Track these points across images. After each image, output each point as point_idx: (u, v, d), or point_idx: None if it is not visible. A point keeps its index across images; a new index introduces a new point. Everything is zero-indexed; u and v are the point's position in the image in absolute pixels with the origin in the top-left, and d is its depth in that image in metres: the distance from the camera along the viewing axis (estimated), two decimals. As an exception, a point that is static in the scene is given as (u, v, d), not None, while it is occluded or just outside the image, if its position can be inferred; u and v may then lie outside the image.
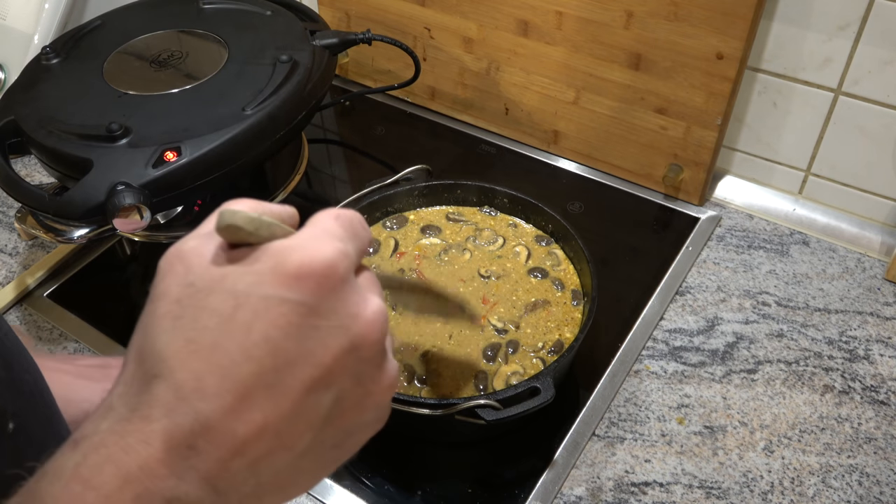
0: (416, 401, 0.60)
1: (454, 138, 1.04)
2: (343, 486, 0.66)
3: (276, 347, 0.27)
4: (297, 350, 0.28)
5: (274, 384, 0.27)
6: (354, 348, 0.29)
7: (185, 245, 0.30)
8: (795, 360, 0.73)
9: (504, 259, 0.75)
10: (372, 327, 0.30)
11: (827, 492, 0.63)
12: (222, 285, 0.28)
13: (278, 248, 0.29)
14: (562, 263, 0.74)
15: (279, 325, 0.27)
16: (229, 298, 0.28)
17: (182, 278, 0.29)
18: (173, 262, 0.30)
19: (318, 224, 0.31)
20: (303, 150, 0.93)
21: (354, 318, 0.29)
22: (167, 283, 0.29)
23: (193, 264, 0.29)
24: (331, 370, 0.29)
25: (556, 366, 0.62)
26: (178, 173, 0.69)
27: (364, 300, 0.30)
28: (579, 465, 0.66)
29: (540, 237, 0.77)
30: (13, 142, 0.74)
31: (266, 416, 0.27)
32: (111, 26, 0.87)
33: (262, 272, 0.28)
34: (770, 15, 0.79)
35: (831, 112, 0.82)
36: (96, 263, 0.88)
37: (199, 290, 0.28)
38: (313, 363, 0.28)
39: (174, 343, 0.28)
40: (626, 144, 0.92)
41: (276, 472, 0.28)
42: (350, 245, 0.30)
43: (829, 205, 0.88)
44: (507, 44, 0.94)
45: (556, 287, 0.72)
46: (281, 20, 0.86)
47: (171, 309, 0.29)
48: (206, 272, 0.29)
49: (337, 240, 0.30)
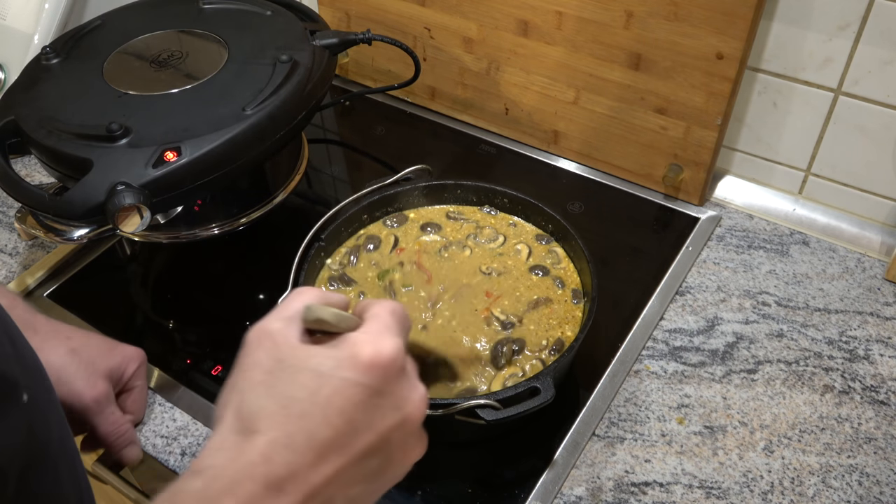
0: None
1: (454, 138, 1.04)
2: (343, 486, 0.65)
3: (349, 418, 0.36)
4: (364, 421, 0.36)
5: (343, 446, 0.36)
6: (404, 423, 0.38)
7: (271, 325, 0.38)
8: (795, 360, 0.73)
9: (505, 256, 0.75)
10: (418, 408, 0.39)
11: (827, 492, 0.63)
12: (308, 364, 0.36)
13: (355, 340, 0.37)
14: (562, 262, 0.74)
15: (353, 401, 0.36)
16: (315, 377, 0.36)
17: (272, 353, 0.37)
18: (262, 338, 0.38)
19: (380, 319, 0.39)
20: (303, 150, 0.93)
21: (406, 401, 0.38)
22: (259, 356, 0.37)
23: (281, 343, 0.37)
24: (385, 438, 0.37)
25: (556, 366, 0.62)
26: (178, 173, 0.69)
27: (413, 386, 0.39)
28: (579, 465, 0.66)
29: (540, 236, 0.77)
30: (13, 142, 0.74)
31: (335, 469, 0.36)
32: (111, 26, 0.87)
33: (342, 358, 0.36)
34: (770, 15, 0.79)
35: (831, 112, 0.82)
36: (96, 263, 0.88)
37: (290, 367, 0.36)
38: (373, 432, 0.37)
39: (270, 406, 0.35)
40: (626, 144, 0.92)
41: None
42: (403, 338, 0.39)
43: (829, 205, 0.88)
44: (507, 44, 0.94)
45: (556, 285, 0.72)
46: (281, 20, 0.86)
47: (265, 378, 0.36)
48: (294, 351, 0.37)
49: (395, 335, 0.38)
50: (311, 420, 0.35)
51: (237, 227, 0.82)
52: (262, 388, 0.36)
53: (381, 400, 0.37)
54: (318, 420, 0.35)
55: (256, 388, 0.36)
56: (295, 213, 0.92)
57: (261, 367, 0.37)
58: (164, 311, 0.84)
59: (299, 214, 0.93)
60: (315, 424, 0.35)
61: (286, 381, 0.36)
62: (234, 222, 0.82)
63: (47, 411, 0.47)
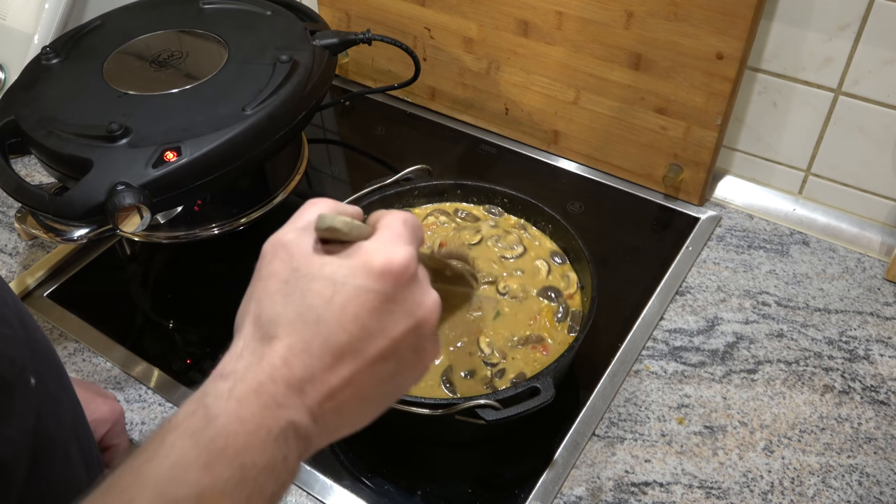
0: (417, 401, 0.60)
1: (454, 138, 1.04)
2: (343, 486, 0.66)
3: (363, 324, 0.37)
4: (377, 327, 0.37)
5: (359, 350, 0.37)
6: (417, 327, 0.39)
7: (285, 236, 0.39)
8: (795, 360, 0.73)
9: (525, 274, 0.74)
10: (431, 313, 0.40)
11: (827, 492, 0.63)
12: (323, 272, 0.37)
13: (367, 249, 0.38)
14: (571, 287, 0.73)
15: (366, 307, 0.37)
16: (329, 285, 0.37)
17: (288, 263, 0.38)
18: (277, 249, 0.39)
19: (392, 228, 0.40)
20: (303, 150, 0.93)
21: (419, 306, 0.39)
22: (275, 266, 0.38)
23: (296, 253, 0.38)
24: (398, 343, 0.38)
25: (556, 366, 0.62)
26: (178, 173, 0.69)
27: (425, 292, 0.40)
28: (579, 465, 0.66)
29: (555, 253, 0.76)
30: (13, 142, 0.74)
31: (351, 372, 0.37)
32: (111, 26, 0.87)
33: (355, 266, 0.37)
34: (770, 15, 0.79)
35: (831, 112, 0.82)
36: (96, 263, 0.88)
37: (304, 275, 0.37)
38: (387, 337, 0.38)
39: (287, 314, 0.37)
40: (626, 144, 0.92)
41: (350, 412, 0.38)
42: (415, 246, 0.40)
43: (829, 205, 0.88)
44: (507, 44, 0.94)
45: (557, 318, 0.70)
46: (281, 20, 0.86)
47: (281, 287, 0.37)
48: (308, 260, 0.38)
49: (407, 243, 0.39)
50: (326, 326, 0.36)
51: (237, 227, 0.82)
52: (279, 296, 0.37)
53: (394, 306, 0.38)
54: (333, 326, 0.36)
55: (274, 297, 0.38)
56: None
57: (277, 276, 0.38)
58: (164, 311, 0.84)
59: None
60: (330, 330, 0.36)
61: (302, 289, 0.37)
62: (234, 222, 0.82)
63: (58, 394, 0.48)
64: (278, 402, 0.35)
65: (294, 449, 0.36)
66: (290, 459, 0.36)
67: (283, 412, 0.35)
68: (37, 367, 0.47)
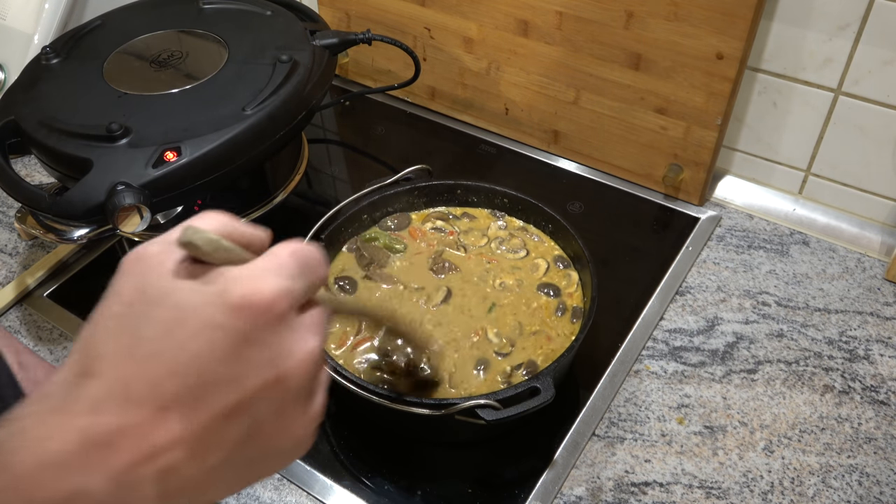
0: (416, 401, 0.60)
1: (454, 138, 1.04)
2: (343, 486, 0.66)
3: (204, 368, 0.29)
4: (223, 374, 0.29)
5: (195, 401, 0.29)
6: (279, 382, 0.31)
7: (148, 249, 0.32)
8: (795, 360, 0.73)
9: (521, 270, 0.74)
10: (300, 367, 0.32)
11: (827, 492, 0.63)
12: (170, 299, 0.30)
13: (229, 276, 0.31)
14: (572, 286, 0.73)
15: (211, 347, 0.29)
16: (173, 313, 0.29)
17: (137, 281, 0.31)
18: (133, 263, 0.31)
19: (273, 257, 0.32)
20: (303, 150, 0.93)
21: (284, 356, 0.31)
22: (122, 283, 0.31)
23: (151, 271, 0.31)
24: (250, 399, 0.30)
25: (556, 366, 0.62)
26: (178, 173, 0.69)
27: (299, 340, 0.32)
28: (579, 465, 0.66)
29: (560, 258, 0.76)
30: (13, 142, 0.74)
31: (182, 430, 0.29)
32: (111, 26, 0.87)
33: (208, 294, 0.30)
34: (770, 15, 0.79)
35: (831, 112, 0.82)
36: (96, 263, 0.88)
37: (149, 299, 0.30)
38: (235, 389, 0.30)
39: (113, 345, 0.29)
40: (626, 144, 0.92)
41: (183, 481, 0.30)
42: (298, 283, 0.32)
43: (829, 205, 0.88)
44: (507, 44, 0.94)
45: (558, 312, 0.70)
46: (281, 20, 0.86)
47: (120, 310, 0.30)
48: (159, 281, 0.30)
49: (285, 277, 0.31)
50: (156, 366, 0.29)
51: (237, 227, 0.82)
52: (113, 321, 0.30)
53: (249, 350, 0.30)
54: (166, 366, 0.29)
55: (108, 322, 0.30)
56: (295, 213, 0.92)
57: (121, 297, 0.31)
58: (164, 311, 0.84)
59: (299, 214, 0.93)
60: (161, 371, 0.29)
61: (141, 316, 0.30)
62: (234, 222, 0.82)
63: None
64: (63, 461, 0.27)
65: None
66: None
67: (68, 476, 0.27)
68: None
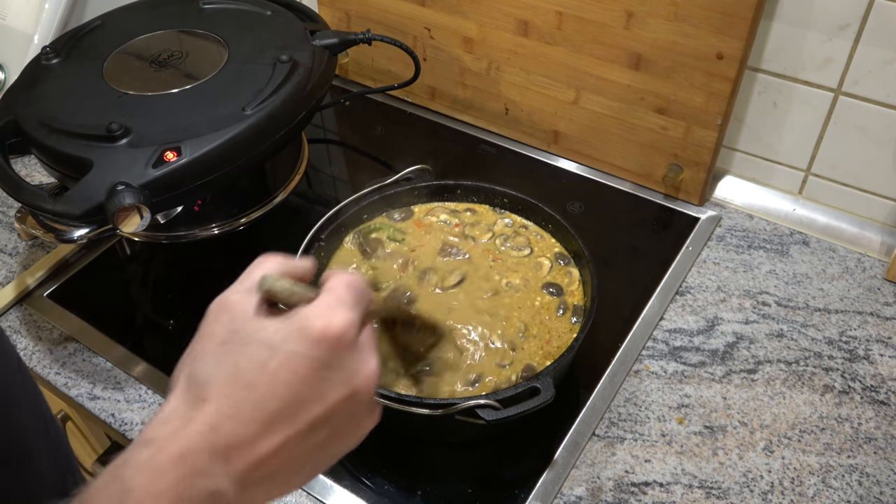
0: (417, 401, 0.60)
1: (454, 138, 1.04)
2: (343, 486, 0.66)
3: (296, 390, 0.36)
4: (311, 393, 0.37)
5: (290, 417, 0.36)
6: (353, 395, 0.39)
7: (230, 297, 0.40)
8: (795, 360, 0.73)
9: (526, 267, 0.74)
10: (368, 382, 0.39)
11: (827, 492, 0.63)
12: (258, 337, 0.37)
13: (305, 314, 0.38)
14: (574, 283, 0.73)
15: (300, 374, 0.36)
16: (264, 349, 0.37)
17: (227, 325, 0.38)
18: (220, 310, 0.39)
19: (333, 293, 0.39)
20: (303, 150, 0.93)
21: (356, 374, 0.39)
22: (215, 327, 0.39)
23: (237, 315, 0.38)
24: (333, 411, 0.38)
25: (556, 366, 0.62)
26: (178, 173, 0.69)
27: (364, 360, 0.39)
28: (579, 465, 0.66)
29: (561, 255, 0.76)
30: (13, 142, 0.74)
31: (281, 440, 0.36)
32: (111, 26, 0.87)
33: (291, 331, 0.37)
34: (770, 15, 0.79)
35: (831, 112, 0.82)
36: (96, 263, 0.88)
37: (241, 338, 0.37)
38: (321, 404, 0.37)
39: (219, 376, 0.36)
40: (626, 144, 0.92)
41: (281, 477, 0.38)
42: (357, 312, 0.39)
43: (829, 205, 0.88)
44: (507, 44, 0.94)
45: (559, 311, 0.70)
46: (281, 20, 0.86)
47: (217, 349, 0.37)
48: (246, 324, 0.38)
49: (348, 309, 0.39)
50: (257, 391, 0.36)
51: (237, 227, 0.82)
52: (213, 357, 0.37)
53: (330, 373, 0.37)
54: (265, 391, 0.36)
55: (208, 358, 0.37)
56: (295, 213, 0.92)
57: (215, 337, 0.38)
58: (164, 311, 0.84)
59: (299, 214, 0.93)
60: (261, 396, 0.36)
61: (236, 352, 0.37)
62: (234, 222, 0.82)
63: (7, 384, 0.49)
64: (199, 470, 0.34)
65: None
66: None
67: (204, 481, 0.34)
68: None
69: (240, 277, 0.41)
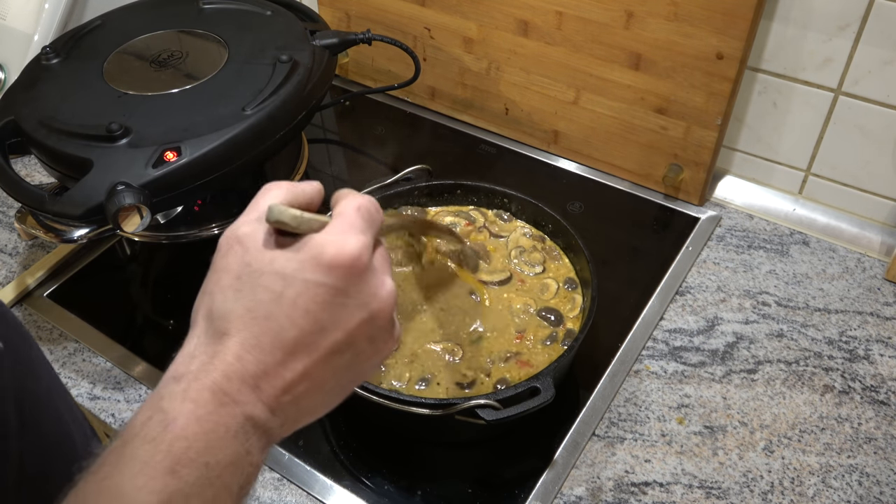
0: (416, 401, 0.60)
1: (454, 138, 1.04)
2: (343, 486, 0.66)
3: (314, 318, 0.37)
4: (329, 320, 0.37)
5: (311, 344, 0.37)
6: (372, 319, 0.39)
7: (240, 230, 0.39)
8: (795, 360, 0.73)
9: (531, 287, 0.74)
10: (385, 304, 0.39)
11: (827, 492, 0.63)
12: (273, 267, 0.37)
13: (316, 241, 0.38)
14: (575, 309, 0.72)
15: (317, 301, 0.37)
16: (279, 279, 0.37)
17: (241, 258, 0.38)
18: (232, 243, 0.39)
19: (344, 217, 0.39)
20: (303, 150, 0.93)
21: (373, 297, 0.39)
22: (228, 261, 0.38)
23: (249, 247, 0.38)
24: (352, 335, 0.38)
25: (556, 366, 0.62)
26: (178, 173, 0.69)
27: (380, 282, 0.39)
28: (579, 465, 0.66)
29: (570, 280, 0.74)
30: (13, 142, 0.74)
31: (305, 366, 0.37)
32: (111, 26, 0.87)
33: (304, 260, 0.37)
34: (770, 15, 0.79)
35: (831, 112, 0.82)
36: (96, 263, 0.88)
37: (255, 270, 0.37)
38: (340, 329, 0.38)
39: (238, 310, 0.37)
40: (626, 144, 0.92)
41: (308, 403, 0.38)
42: (369, 234, 0.39)
43: (829, 205, 0.88)
44: (507, 44, 0.94)
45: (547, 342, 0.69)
46: (281, 20, 0.86)
47: (233, 283, 0.37)
48: (260, 255, 0.38)
49: (360, 232, 0.38)
50: (276, 321, 0.36)
51: (237, 227, 0.82)
52: (230, 291, 0.37)
53: (346, 299, 0.37)
54: (284, 321, 0.36)
55: (225, 292, 0.37)
56: (295, 213, 0.92)
57: (229, 271, 0.38)
58: (164, 311, 0.84)
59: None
60: (280, 325, 0.36)
61: (252, 284, 0.37)
62: (234, 222, 0.82)
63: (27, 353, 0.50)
64: (234, 398, 0.35)
65: (255, 443, 0.36)
66: (253, 453, 0.36)
67: (240, 408, 0.35)
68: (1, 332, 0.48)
69: (247, 208, 0.40)
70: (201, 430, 0.34)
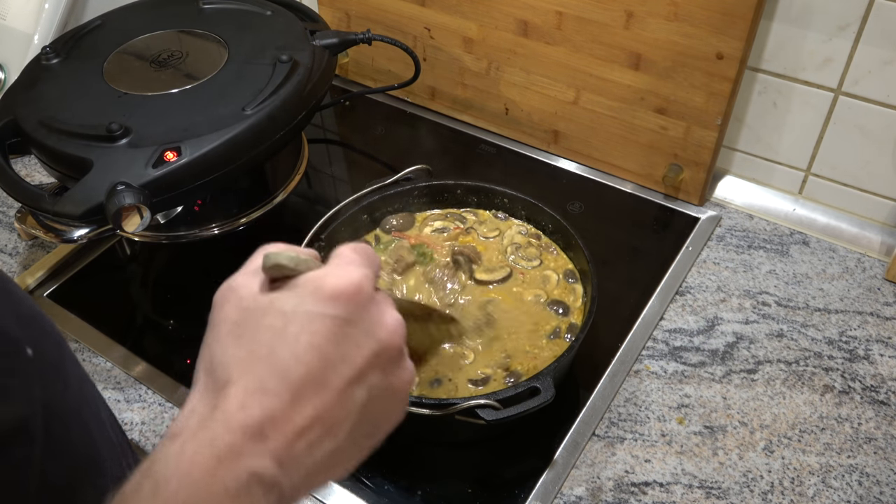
0: (416, 401, 0.60)
1: (454, 138, 1.04)
2: (343, 486, 0.66)
3: (321, 352, 0.34)
4: (337, 353, 0.35)
5: (320, 382, 0.34)
6: (381, 350, 0.37)
7: (234, 282, 0.38)
8: (795, 360, 0.73)
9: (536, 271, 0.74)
10: (393, 333, 0.37)
11: (827, 492, 0.63)
12: (273, 307, 0.35)
13: (315, 276, 0.36)
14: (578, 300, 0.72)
15: (321, 334, 0.34)
16: (280, 316, 0.35)
17: (237, 305, 0.36)
18: (227, 294, 0.37)
19: (341, 257, 0.38)
20: (303, 150, 0.93)
21: (379, 326, 0.37)
22: (226, 311, 0.37)
23: (245, 295, 0.37)
24: (363, 368, 0.36)
25: (556, 366, 0.62)
26: (178, 173, 0.69)
27: (384, 312, 0.38)
28: (579, 465, 0.66)
29: (570, 272, 0.75)
30: (13, 142, 0.74)
31: (316, 408, 0.34)
32: (111, 26, 0.87)
33: (304, 294, 0.35)
34: (770, 15, 0.79)
35: (831, 112, 0.82)
36: (96, 263, 0.88)
37: (254, 313, 0.36)
38: (350, 363, 0.35)
39: (239, 355, 0.35)
40: (626, 144, 0.92)
41: (324, 454, 0.35)
42: (369, 269, 0.38)
43: (829, 205, 0.88)
44: (507, 44, 0.94)
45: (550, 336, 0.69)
46: (281, 20, 0.86)
47: (232, 330, 0.36)
48: (257, 299, 0.36)
49: (360, 266, 0.37)
50: (280, 359, 0.34)
51: (237, 227, 0.82)
52: (229, 339, 0.36)
53: (351, 329, 0.35)
54: (288, 358, 0.34)
55: (224, 341, 0.36)
56: (295, 213, 0.92)
57: (227, 321, 0.36)
58: (164, 311, 0.84)
59: (299, 214, 0.93)
60: (285, 364, 0.34)
61: (252, 327, 0.35)
62: (234, 222, 0.82)
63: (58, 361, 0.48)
64: (235, 451, 0.32)
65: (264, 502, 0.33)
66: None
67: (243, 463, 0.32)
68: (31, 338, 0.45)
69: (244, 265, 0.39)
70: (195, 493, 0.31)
